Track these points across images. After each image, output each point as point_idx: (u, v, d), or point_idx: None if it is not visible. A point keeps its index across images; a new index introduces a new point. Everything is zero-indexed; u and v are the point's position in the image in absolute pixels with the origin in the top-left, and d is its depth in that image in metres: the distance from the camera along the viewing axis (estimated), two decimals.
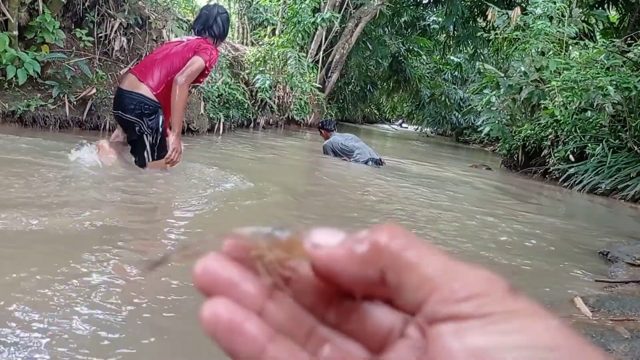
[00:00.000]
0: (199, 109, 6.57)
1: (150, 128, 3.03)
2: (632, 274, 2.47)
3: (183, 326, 1.39)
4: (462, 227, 3.15)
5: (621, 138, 6.35)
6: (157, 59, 3.12)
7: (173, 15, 6.65)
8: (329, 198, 3.63)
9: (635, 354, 1.47)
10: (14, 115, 4.68)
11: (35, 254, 1.73)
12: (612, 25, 11.37)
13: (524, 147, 7.72)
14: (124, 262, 1.75)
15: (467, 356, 0.19)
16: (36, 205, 2.20)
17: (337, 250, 0.22)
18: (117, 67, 5.68)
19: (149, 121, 3.02)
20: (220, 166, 3.98)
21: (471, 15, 14.10)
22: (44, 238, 1.86)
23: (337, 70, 12.58)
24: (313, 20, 9.73)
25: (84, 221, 2.09)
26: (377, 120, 24.94)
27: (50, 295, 1.43)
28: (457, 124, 18.64)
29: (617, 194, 5.73)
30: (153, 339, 1.32)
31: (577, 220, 4.36)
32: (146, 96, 3.01)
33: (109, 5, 5.68)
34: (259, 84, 8.35)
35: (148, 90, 3.02)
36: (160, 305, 1.49)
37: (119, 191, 2.69)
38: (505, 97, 8.04)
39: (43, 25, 4.71)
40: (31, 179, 2.63)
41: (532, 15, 7.68)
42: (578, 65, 6.74)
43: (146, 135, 3.03)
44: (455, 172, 6.78)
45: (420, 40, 16.74)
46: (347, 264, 0.22)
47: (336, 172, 5.04)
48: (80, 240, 1.92)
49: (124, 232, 2.07)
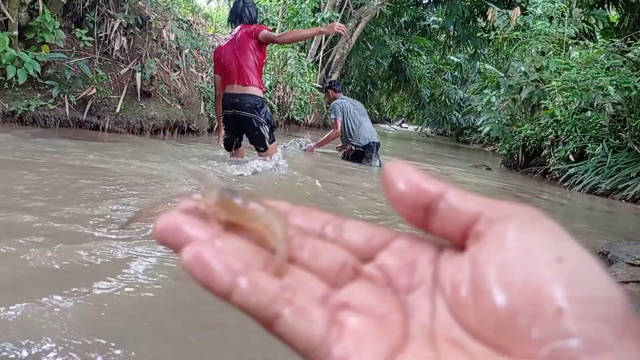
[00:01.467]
0: (199, 109, 6.58)
1: (265, 119, 3.84)
2: (632, 274, 2.47)
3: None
4: None
5: (621, 138, 6.35)
6: (238, 63, 3.80)
7: (173, 15, 6.65)
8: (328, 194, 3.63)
9: None
10: (14, 115, 4.68)
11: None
12: (612, 25, 11.37)
13: (524, 147, 7.73)
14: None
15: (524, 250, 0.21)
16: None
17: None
18: (117, 67, 5.68)
19: (262, 113, 3.83)
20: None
21: (471, 15, 14.10)
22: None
23: (337, 70, 12.58)
24: (313, 20, 9.73)
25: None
26: (377, 120, 24.90)
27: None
28: (457, 124, 18.65)
29: (617, 194, 5.73)
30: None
31: (577, 220, 4.36)
32: (255, 95, 3.81)
33: (109, 5, 5.69)
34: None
35: (255, 89, 3.81)
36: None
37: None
38: (505, 97, 8.04)
39: (43, 25, 4.71)
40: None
41: (532, 16, 7.68)
42: (578, 65, 6.75)
43: (262, 125, 3.83)
44: (455, 172, 6.78)
45: (420, 40, 16.74)
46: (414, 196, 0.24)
47: (338, 167, 5.04)
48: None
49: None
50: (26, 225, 1.97)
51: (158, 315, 1.46)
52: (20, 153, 3.36)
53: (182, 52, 6.52)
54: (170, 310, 1.51)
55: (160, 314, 1.47)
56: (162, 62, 6.11)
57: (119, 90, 5.54)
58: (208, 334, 1.38)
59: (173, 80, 6.16)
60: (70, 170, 3.02)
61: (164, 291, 1.60)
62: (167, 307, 1.52)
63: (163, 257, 1.84)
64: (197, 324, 1.43)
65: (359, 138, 5.72)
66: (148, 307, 1.50)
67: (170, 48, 6.25)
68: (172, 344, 1.34)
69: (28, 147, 3.61)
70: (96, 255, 1.77)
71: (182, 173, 3.38)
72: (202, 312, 1.48)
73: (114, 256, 1.80)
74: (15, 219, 2.02)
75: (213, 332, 1.40)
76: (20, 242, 1.77)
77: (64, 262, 1.67)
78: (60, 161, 3.26)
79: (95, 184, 2.78)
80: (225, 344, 1.37)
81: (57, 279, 1.57)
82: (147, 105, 5.72)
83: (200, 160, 4.08)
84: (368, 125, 5.87)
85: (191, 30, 7.07)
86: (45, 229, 1.96)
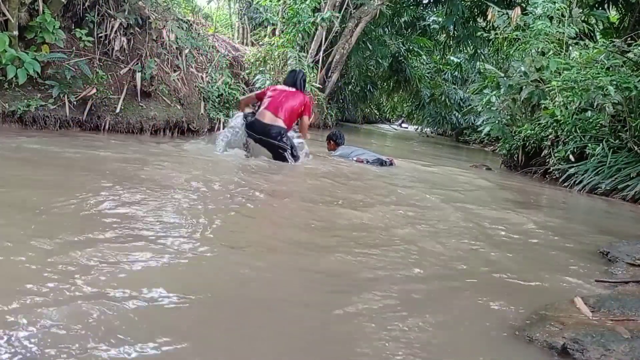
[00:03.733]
0: (199, 109, 6.57)
1: (286, 144, 4.69)
2: (632, 274, 2.47)
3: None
4: (461, 227, 3.15)
5: (621, 138, 6.34)
6: (280, 102, 4.76)
7: (173, 15, 6.65)
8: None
9: (636, 354, 1.47)
10: (14, 115, 4.68)
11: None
12: (612, 26, 11.36)
13: (524, 147, 7.72)
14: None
15: None
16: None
17: None
18: (117, 67, 5.68)
19: (285, 139, 4.70)
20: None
21: (471, 15, 14.08)
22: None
23: (337, 70, 12.58)
24: (313, 20, 9.72)
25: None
26: (377, 121, 24.91)
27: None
28: (457, 124, 18.61)
29: (617, 194, 5.72)
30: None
31: (577, 220, 4.36)
32: (282, 127, 4.68)
33: (109, 5, 5.68)
34: (259, 84, 8.35)
35: (282, 123, 4.69)
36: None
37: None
38: (505, 97, 8.03)
39: (43, 25, 4.71)
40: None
41: (532, 16, 7.67)
42: (578, 65, 6.73)
43: (285, 150, 4.68)
44: (455, 172, 6.78)
45: (420, 41, 16.72)
46: None
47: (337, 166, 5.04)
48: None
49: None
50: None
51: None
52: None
53: (182, 52, 6.52)
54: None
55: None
56: (162, 62, 6.10)
57: (119, 91, 5.54)
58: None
59: (173, 80, 6.15)
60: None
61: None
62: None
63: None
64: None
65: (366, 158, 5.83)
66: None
67: (170, 48, 6.25)
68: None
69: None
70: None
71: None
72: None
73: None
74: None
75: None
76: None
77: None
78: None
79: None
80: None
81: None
82: (147, 105, 5.72)
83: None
84: (370, 153, 5.99)
85: (191, 31, 7.07)
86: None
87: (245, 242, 2.31)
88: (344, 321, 1.61)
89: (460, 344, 1.57)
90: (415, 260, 2.32)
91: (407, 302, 1.82)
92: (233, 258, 2.06)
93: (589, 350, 1.48)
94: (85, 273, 1.63)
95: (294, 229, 2.65)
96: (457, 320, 1.73)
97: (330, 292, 1.84)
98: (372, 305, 1.74)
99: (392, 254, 2.35)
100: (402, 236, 2.72)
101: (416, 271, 2.17)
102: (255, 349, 1.37)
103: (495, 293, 2.03)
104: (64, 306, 1.41)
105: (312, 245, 2.36)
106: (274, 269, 1.99)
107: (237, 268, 1.93)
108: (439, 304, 1.85)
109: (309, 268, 2.06)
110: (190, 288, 1.66)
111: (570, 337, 1.56)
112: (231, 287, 1.76)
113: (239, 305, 1.63)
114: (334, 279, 1.98)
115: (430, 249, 2.53)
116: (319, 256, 2.22)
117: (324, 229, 2.70)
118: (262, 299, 1.70)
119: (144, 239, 2.04)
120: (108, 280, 1.61)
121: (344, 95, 16.27)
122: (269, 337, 1.44)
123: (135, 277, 1.69)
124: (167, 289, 1.60)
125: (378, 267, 2.15)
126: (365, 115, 22.57)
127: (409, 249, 2.47)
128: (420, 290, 1.94)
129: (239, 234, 2.45)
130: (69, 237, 1.92)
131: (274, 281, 1.87)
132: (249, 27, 11.75)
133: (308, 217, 2.92)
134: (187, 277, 1.78)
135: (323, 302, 1.75)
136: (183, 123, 6.13)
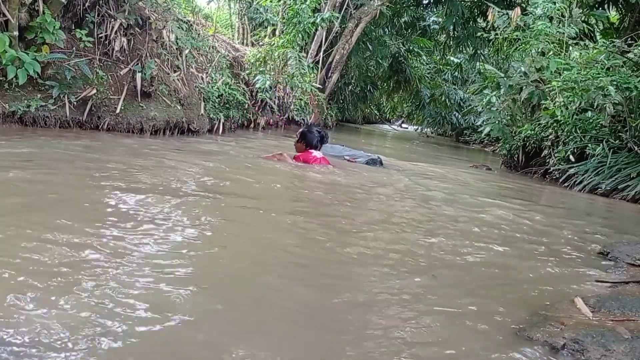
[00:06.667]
0: (199, 109, 6.57)
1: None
2: (632, 274, 2.46)
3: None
4: (461, 227, 3.15)
5: (621, 138, 6.34)
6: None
7: (173, 15, 6.65)
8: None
9: (636, 354, 1.47)
10: (14, 115, 4.68)
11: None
12: (612, 26, 11.35)
13: (524, 148, 7.72)
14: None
15: None
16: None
17: None
18: (117, 67, 5.68)
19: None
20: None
21: (471, 16, 14.07)
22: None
23: (337, 70, 12.57)
24: (313, 20, 9.71)
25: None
26: (378, 121, 24.89)
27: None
28: (457, 124, 18.59)
29: (618, 194, 5.72)
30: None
31: (578, 220, 4.35)
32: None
33: (109, 5, 5.68)
34: (259, 84, 8.34)
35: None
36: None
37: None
38: (505, 97, 8.03)
39: (43, 25, 4.71)
40: None
41: (532, 16, 7.66)
42: (578, 65, 6.73)
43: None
44: (455, 172, 6.77)
45: (420, 41, 16.70)
46: None
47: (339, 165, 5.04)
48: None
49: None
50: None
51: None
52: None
53: (182, 52, 6.52)
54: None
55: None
56: (162, 63, 6.10)
57: (119, 91, 5.54)
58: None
59: (173, 80, 6.15)
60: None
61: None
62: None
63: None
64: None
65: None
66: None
67: (170, 48, 6.25)
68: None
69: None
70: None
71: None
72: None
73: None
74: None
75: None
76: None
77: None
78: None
79: None
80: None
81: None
82: (147, 106, 5.72)
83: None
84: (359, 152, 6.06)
85: (191, 31, 7.07)
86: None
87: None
88: (339, 314, 1.61)
89: (461, 344, 1.57)
90: (415, 260, 2.32)
91: (407, 302, 1.82)
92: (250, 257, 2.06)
93: (589, 351, 1.48)
94: (88, 267, 1.64)
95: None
96: (457, 320, 1.73)
97: (329, 286, 1.84)
98: (371, 304, 1.74)
99: (392, 254, 2.35)
100: (402, 236, 2.72)
101: (415, 271, 2.17)
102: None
103: (495, 293, 2.03)
104: (65, 306, 1.41)
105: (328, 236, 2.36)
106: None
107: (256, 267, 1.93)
108: (439, 304, 1.85)
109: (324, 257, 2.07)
110: (197, 279, 1.66)
111: (571, 337, 1.56)
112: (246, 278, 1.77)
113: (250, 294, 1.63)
114: (335, 279, 1.98)
115: (429, 249, 2.53)
116: (330, 249, 2.22)
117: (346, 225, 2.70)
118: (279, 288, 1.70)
119: (149, 234, 2.04)
120: (114, 274, 1.61)
121: (344, 96, 16.26)
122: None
123: (139, 270, 1.69)
124: (172, 281, 1.61)
125: (376, 265, 2.15)
126: (365, 116, 22.55)
127: (408, 249, 2.47)
128: (420, 290, 1.94)
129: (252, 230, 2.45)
130: (71, 233, 1.92)
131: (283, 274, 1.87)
132: (249, 28, 11.75)
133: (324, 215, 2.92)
134: (197, 266, 1.78)
135: (322, 295, 1.75)
136: (183, 123, 6.13)
